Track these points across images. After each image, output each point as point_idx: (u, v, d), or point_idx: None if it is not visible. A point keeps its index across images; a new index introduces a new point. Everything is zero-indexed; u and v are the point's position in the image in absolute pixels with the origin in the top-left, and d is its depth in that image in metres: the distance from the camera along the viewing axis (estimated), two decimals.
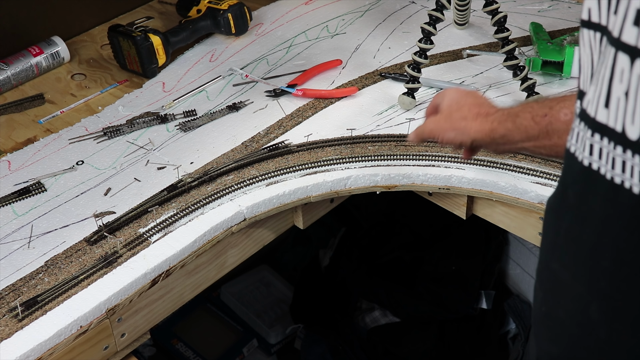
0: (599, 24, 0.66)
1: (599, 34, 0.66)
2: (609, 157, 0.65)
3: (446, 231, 1.88)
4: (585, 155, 0.67)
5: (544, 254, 0.79)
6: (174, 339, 1.99)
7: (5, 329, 1.03)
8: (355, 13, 1.71)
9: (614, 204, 0.65)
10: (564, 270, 0.74)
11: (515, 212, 1.28)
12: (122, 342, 1.12)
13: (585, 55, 0.69)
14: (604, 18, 0.65)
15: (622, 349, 0.71)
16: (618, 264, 0.67)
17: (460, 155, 1.26)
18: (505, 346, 1.91)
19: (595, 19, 0.66)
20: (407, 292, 1.85)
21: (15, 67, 1.53)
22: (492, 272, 1.91)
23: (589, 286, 0.71)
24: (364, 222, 1.99)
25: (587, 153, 0.67)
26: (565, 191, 0.71)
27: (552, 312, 0.77)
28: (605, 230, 0.67)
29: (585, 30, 0.68)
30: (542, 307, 0.79)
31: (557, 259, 0.75)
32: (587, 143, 0.67)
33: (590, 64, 0.69)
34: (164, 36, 1.54)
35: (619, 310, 0.70)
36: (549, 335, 0.78)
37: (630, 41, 0.60)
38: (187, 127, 1.38)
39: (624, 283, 0.68)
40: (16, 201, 1.24)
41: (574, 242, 0.71)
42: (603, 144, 0.65)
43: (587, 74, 0.70)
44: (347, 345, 1.86)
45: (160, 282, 1.13)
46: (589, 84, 0.69)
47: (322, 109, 1.41)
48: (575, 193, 0.70)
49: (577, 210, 0.70)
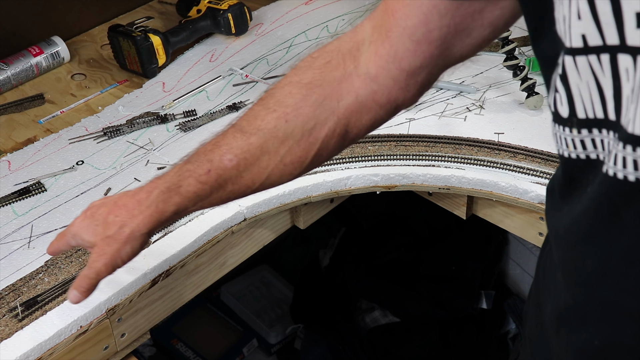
0: (605, 45, 0.62)
1: (606, 56, 0.63)
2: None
3: (446, 231, 1.88)
4: (629, 172, 0.64)
5: (584, 287, 0.74)
6: (174, 339, 1.99)
7: (5, 329, 1.03)
8: (355, 13, 1.71)
9: None
10: (625, 295, 0.69)
11: (515, 212, 1.28)
12: (122, 342, 1.13)
13: (584, 84, 0.66)
14: (614, 37, 0.61)
15: None
16: None
17: (460, 155, 1.26)
18: (505, 346, 1.91)
19: (597, 42, 0.63)
20: (407, 292, 1.85)
21: (15, 67, 1.53)
22: (492, 272, 1.91)
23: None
24: (364, 222, 1.99)
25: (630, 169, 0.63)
26: (617, 214, 0.67)
27: (615, 343, 0.72)
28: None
29: (581, 57, 0.64)
30: (593, 341, 0.74)
31: (611, 286, 0.70)
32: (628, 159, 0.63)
33: (596, 88, 0.65)
34: (164, 36, 1.54)
35: None
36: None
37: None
38: (187, 127, 1.38)
39: None
40: (16, 201, 1.24)
41: (636, 264, 0.67)
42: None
43: (592, 100, 0.66)
44: (347, 345, 1.86)
45: (160, 282, 1.13)
46: (603, 106, 0.65)
47: None
48: (634, 212, 0.66)
49: (637, 229, 0.66)
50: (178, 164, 0.89)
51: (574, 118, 0.68)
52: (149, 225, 0.88)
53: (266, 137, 0.85)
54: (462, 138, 1.31)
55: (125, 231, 0.88)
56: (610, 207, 0.67)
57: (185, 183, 0.86)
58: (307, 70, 0.86)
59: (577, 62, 0.65)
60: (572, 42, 0.64)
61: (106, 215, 0.90)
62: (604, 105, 0.65)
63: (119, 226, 0.88)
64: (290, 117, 0.84)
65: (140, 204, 0.88)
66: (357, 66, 0.83)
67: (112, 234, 0.89)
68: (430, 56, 0.80)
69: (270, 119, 0.85)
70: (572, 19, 0.63)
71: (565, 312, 0.77)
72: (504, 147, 1.28)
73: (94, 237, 0.90)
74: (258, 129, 0.85)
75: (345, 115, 0.84)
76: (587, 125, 0.67)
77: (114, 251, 0.89)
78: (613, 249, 0.68)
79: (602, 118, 0.66)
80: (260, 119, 0.86)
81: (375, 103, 0.84)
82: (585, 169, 0.70)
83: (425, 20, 0.77)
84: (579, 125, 0.68)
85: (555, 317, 0.79)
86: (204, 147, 0.88)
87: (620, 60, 0.62)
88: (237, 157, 0.85)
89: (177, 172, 0.88)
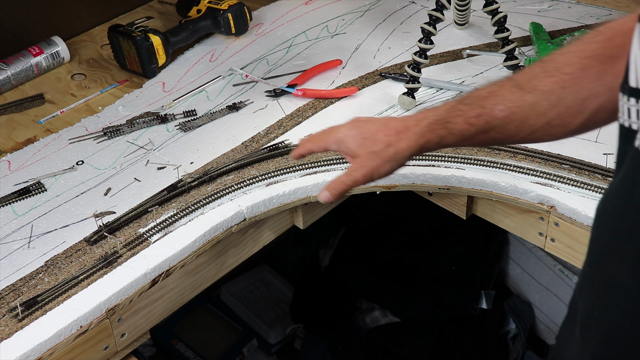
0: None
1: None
2: None
3: (446, 231, 1.88)
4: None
5: (597, 256, 0.77)
6: (174, 339, 1.99)
7: (5, 329, 1.03)
8: (355, 13, 1.71)
9: None
10: (624, 271, 0.72)
11: (515, 212, 1.28)
12: (122, 342, 1.13)
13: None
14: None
15: None
16: None
17: (460, 155, 1.26)
18: (505, 346, 1.91)
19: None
20: (407, 292, 1.85)
21: (15, 67, 1.53)
22: (492, 272, 1.91)
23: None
24: (364, 222, 1.99)
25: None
26: (632, 190, 0.69)
27: (608, 315, 0.75)
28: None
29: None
30: (594, 310, 0.77)
31: (616, 260, 0.73)
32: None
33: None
34: (164, 36, 1.54)
35: None
36: (603, 340, 0.76)
37: None
38: (187, 127, 1.38)
39: None
40: (16, 201, 1.24)
41: (637, 242, 0.70)
42: None
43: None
44: (347, 345, 1.86)
45: (160, 282, 1.13)
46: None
47: (322, 109, 1.41)
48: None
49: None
50: (450, 102, 0.94)
51: (627, 85, 0.70)
52: (412, 150, 0.94)
53: (540, 98, 0.88)
54: None
55: (390, 151, 0.94)
56: (632, 182, 0.69)
57: (454, 120, 0.91)
58: (590, 43, 0.88)
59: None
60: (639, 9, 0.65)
61: (375, 132, 0.96)
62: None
63: (386, 144, 0.95)
64: (567, 84, 0.87)
65: (408, 130, 0.94)
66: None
67: (377, 150, 0.95)
68: None
69: (547, 82, 0.88)
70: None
71: (584, 280, 0.80)
72: (504, 147, 1.28)
73: (360, 149, 0.96)
74: (534, 88, 0.88)
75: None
76: (636, 94, 0.69)
77: (375, 166, 0.95)
78: (624, 224, 0.71)
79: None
80: (538, 80, 0.89)
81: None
82: (627, 138, 0.71)
83: None
84: (630, 93, 0.69)
85: (578, 286, 0.82)
86: (479, 92, 0.92)
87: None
88: (508, 109, 0.89)
89: (449, 109, 0.93)
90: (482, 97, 0.91)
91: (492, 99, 0.90)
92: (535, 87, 0.89)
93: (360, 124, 0.99)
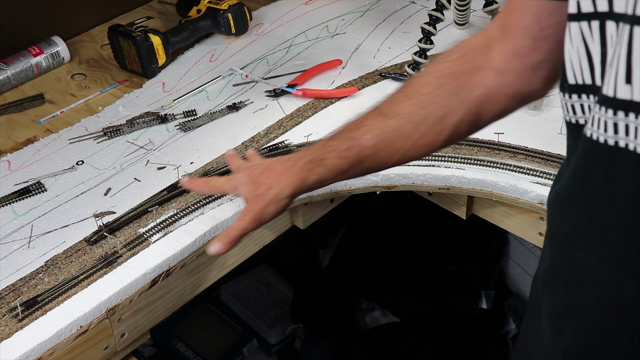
0: (596, 12, 0.67)
1: (596, 22, 0.67)
2: (637, 132, 0.65)
3: (446, 231, 1.88)
4: (609, 136, 0.67)
5: (560, 246, 0.79)
6: (174, 339, 1.99)
7: (5, 329, 1.03)
8: (355, 13, 1.71)
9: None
10: (591, 255, 0.73)
11: (515, 212, 1.28)
12: (122, 342, 1.13)
13: (575, 50, 0.70)
14: (604, 4, 0.66)
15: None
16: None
17: (460, 155, 1.26)
18: (505, 346, 1.91)
19: (589, 9, 0.67)
20: (407, 292, 1.85)
21: (15, 67, 1.53)
22: (492, 272, 1.91)
23: (622, 266, 0.71)
24: (364, 222, 1.99)
25: (611, 132, 0.67)
26: (588, 175, 0.71)
27: (579, 302, 0.77)
28: (639, 204, 0.67)
29: (574, 24, 0.69)
30: (563, 300, 0.78)
31: (581, 246, 0.74)
32: (609, 123, 0.67)
33: (585, 54, 0.70)
34: (164, 36, 1.54)
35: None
36: (576, 328, 0.78)
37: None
38: (187, 127, 1.39)
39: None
40: (16, 201, 1.24)
41: (602, 225, 0.71)
42: (629, 120, 0.65)
43: (581, 66, 0.71)
44: (347, 345, 1.86)
45: (160, 282, 1.13)
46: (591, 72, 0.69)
47: (322, 109, 1.41)
48: (601, 175, 0.70)
49: (604, 192, 0.70)
50: (324, 138, 0.99)
51: (565, 83, 0.73)
52: (292, 190, 0.98)
53: (403, 121, 0.93)
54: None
55: (271, 193, 0.98)
56: (584, 168, 0.72)
57: (328, 156, 0.96)
58: (443, 63, 0.94)
59: (571, 29, 0.70)
60: (569, 8, 0.69)
61: (259, 176, 1.01)
62: (592, 72, 0.70)
63: (267, 187, 0.99)
64: (426, 104, 0.92)
65: (288, 171, 0.98)
66: (486, 61, 0.90)
67: (260, 193, 0.99)
68: (549, 51, 0.85)
69: (408, 105, 0.93)
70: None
71: (546, 274, 0.82)
72: (504, 147, 1.28)
73: (248, 194, 1.01)
74: (396, 113, 0.94)
75: (475, 105, 0.91)
76: (576, 90, 0.72)
77: (260, 209, 0.99)
78: (584, 209, 0.73)
79: (590, 84, 0.71)
80: (399, 104, 0.94)
81: (503, 95, 0.90)
82: (575, 133, 0.74)
83: (537, 20, 0.83)
84: (570, 90, 0.73)
85: (540, 281, 0.84)
86: (348, 125, 0.97)
87: (607, 27, 0.66)
88: (376, 136, 0.94)
89: (323, 146, 0.98)
90: (350, 129, 0.96)
91: (360, 130, 0.95)
92: (397, 112, 0.93)
93: (250, 170, 1.03)
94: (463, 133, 0.94)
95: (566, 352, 0.80)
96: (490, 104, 0.91)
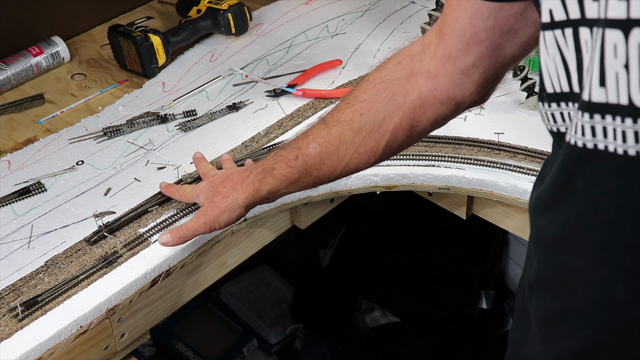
0: (568, 19, 0.67)
1: (570, 30, 0.67)
2: (616, 133, 0.65)
3: (446, 231, 1.89)
4: (587, 139, 0.67)
5: (546, 251, 0.78)
6: (174, 339, 1.99)
7: (5, 329, 1.03)
8: (355, 13, 1.72)
9: (630, 177, 0.66)
10: (579, 259, 0.73)
11: (515, 212, 1.28)
12: (122, 342, 1.13)
13: (551, 58, 0.70)
14: (575, 11, 0.66)
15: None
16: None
17: (460, 155, 1.27)
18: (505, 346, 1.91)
19: (561, 17, 0.67)
20: (407, 292, 1.85)
21: (15, 67, 1.53)
22: (492, 272, 1.91)
23: (610, 267, 0.71)
24: (364, 222, 1.99)
25: (589, 136, 0.67)
26: (571, 180, 0.71)
27: (568, 306, 0.76)
28: (624, 205, 0.67)
29: (548, 32, 0.69)
30: (552, 305, 0.78)
31: (568, 250, 0.74)
32: (586, 127, 0.67)
33: (561, 62, 0.70)
34: (164, 36, 1.54)
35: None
36: (567, 332, 0.77)
37: (619, 16, 0.61)
38: (187, 127, 1.39)
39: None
40: (16, 201, 1.24)
41: (588, 228, 0.71)
42: (606, 122, 0.65)
43: (558, 74, 0.71)
44: (347, 345, 1.86)
45: (160, 282, 1.13)
46: (568, 80, 0.70)
47: (322, 109, 1.41)
48: (584, 178, 0.70)
49: (588, 195, 0.70)
50: (276, 149, 1.03)
51: (544, 93, 0.73)
52: (246, 201, 1.04)
53: (344, 128, 0.96)
54: (462, 138, 1.31)
55: (226, 201, 1.05)
56: (566, 174, 0.72)
57: (277, 166, 1.01)
58: (382, 70, 0.96)
59: (546, 38, 0.70)
60: (542, 18, 0.69)
61: (218, 184, 1.07)
62: (569, 79, 0.70)
63: (223, 195, 1.05)
64: (364, 110, 0.95)
65: (243, 181, 1.04)
66: (421, 66, 0.92)
67: (216, 200, 1.06)
68: (482, 56, 0.87)
69: (348, 112, 0.96)
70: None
71: (533, 280, 0.82)
72: (504, 147, 1.28)
73: (204, 200, 1.08)
74: (338, 121, 0.97)
75: (410, 110, 0.93)
76: (555, 99, 0.72)
77: (214, 215, 1.05)
78: (569, 214, 0.73)
79: (568, 91, 0.70)
80: (341, 112, 0.97)
81: (435, 99, 0.92)
82: (558, 141, 0.74)
83: (471, 23, 0.85)
84: (549, 99, 0.73)
85: (527, 287, 0.84)
86: (298, 136, 1.01)
87: (581, 33, 0.66)
88: (320, 145, 0.98)
89: (274, 156, 1.02)
90: (298, 140, 1.00)
91: (306, 140, 0.99)
92: (338, 120, 0.97)
93: (213, 179, 1.10)
94: (402, 140, 0.96)
95: (557, 356, 0.79)
96: (424, 109, 0.93)
